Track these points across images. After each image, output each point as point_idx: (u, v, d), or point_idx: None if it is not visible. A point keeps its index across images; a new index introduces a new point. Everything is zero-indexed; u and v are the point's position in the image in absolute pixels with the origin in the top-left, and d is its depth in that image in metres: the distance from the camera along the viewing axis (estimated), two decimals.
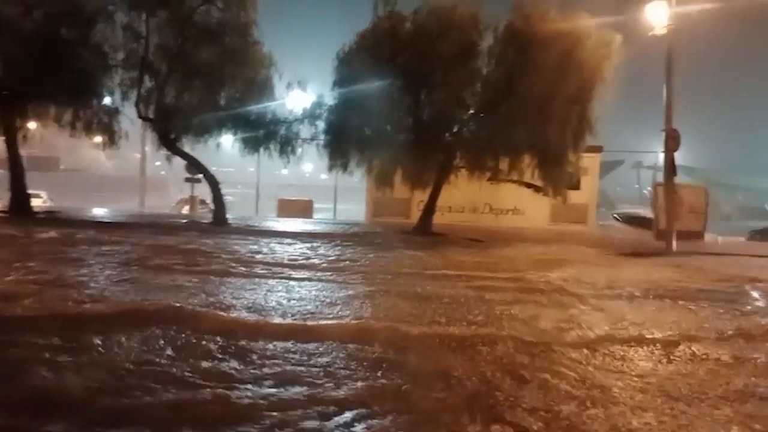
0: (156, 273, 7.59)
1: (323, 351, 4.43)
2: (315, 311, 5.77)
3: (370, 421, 3.18)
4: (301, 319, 5.38)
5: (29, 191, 17.27)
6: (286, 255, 10.19)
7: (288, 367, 4.02)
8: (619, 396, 3.71)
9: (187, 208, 25.08)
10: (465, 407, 3.39)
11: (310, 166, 37.60)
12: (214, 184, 17.37)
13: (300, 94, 17.16)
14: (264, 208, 27.31)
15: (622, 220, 24.18)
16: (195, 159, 17.62)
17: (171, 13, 15.74)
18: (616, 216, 25.36)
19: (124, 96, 16.61)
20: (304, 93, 17.17)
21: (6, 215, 15.70)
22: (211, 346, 4.42)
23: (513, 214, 23.21)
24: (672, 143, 14.96)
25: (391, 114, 16.32)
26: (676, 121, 14.99)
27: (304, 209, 24.07)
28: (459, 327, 5.35)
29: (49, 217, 16.55)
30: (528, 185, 16.70)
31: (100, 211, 20.83)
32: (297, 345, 4.53)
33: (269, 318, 5.40)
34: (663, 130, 15.04)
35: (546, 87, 13.87)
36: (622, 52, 14.61)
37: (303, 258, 9.91)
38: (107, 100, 17.03)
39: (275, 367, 4.00)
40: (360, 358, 4.31)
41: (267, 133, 17.18)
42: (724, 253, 14.61)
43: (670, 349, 4.88)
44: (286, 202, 24.99)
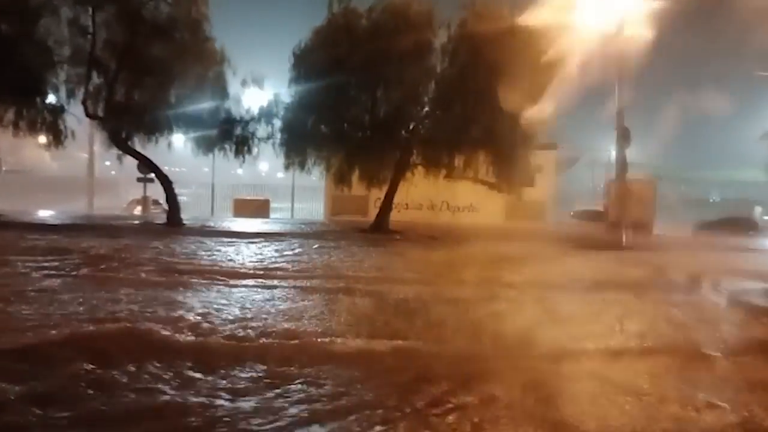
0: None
1: None
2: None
3: None
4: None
5: None
6: (243, 258, 10.01)
7: None
8: None
9: (139, 208, 24.35)
10: None
11: (266, 164, 37.05)
12: (167, 183, 16.95)
13: (256, 91, 16.96)
14: (219, 208, 26.79)
15: (577, 217, 24.84)
16: (147, 158, 17.11)
17: (119, 8, 15.26)
18: (572, 213, 26.01)
19: (71, 94, 15.97)
20: (260, 90, 16.99)
21: None
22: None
23: (469, 211, 23.57)
24: (623, 141, 15.58)
25: (348, 112, 16.33)
26: (629, 119, 15.62)
27: (260, 209, 23.78)
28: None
29: None
30: (482, 182, 16.96)
31: (44, 214, 19.97)
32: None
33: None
34: (615, 129, 15.64)
35: (498, 85, 14.08)
36: (578, 51, 14.94)
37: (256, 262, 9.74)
38: (52, 98, 16.30)
39: None
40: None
41: (222, 132, 16.90)
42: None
43: None
44: (242, 201, 24.62)
